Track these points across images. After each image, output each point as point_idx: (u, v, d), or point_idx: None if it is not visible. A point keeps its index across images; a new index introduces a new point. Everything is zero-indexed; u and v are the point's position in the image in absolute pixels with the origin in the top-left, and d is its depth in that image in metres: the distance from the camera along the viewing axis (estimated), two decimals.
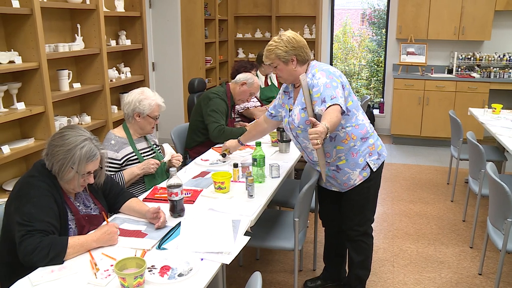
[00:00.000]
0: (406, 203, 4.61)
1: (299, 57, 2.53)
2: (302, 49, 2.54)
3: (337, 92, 2.37)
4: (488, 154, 4.44)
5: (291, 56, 2.51)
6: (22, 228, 1.89)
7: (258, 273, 1.68)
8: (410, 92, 6.53)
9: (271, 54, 2.53)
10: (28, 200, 1.94)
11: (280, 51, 2.50)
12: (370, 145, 2.61)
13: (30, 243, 1.85)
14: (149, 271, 1.80)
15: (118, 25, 4.82)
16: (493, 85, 6.30)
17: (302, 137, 2.60)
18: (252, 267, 3.45)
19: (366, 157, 2.60)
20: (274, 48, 2.51)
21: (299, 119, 2.54)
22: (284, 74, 2.58)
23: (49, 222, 1.94)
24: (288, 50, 2.50)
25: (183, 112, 6.27)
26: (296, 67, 2.54)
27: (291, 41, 2.51)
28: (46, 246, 1.85)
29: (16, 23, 3.30)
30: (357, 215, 2.75)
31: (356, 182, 2.64)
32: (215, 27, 6.74)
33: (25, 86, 3.41)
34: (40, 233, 1.88)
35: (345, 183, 2.66)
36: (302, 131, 2.55)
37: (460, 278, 3.29)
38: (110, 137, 2.90)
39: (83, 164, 2.03)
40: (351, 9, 11.83)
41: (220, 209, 2.40)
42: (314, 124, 2.14)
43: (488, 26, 6.31)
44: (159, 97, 2.98)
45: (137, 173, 2.83)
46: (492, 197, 2.97)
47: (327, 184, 2.78)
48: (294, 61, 2.52)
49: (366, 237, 2.83)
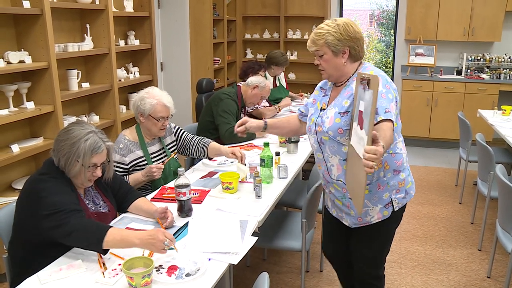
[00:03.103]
0: (414, 205, 4.59)
1: (353, 50, 2.10)
2: (359, 42, 2.10)
3: (391, 106, 1.97)
4: (497, 156, 4.41)
5: (345, 47, 2.07)
6: (54, 216, 1.88)
7: (266, 274, 1.67)
8: (419, 94, 6.50)
9: (320, 39, 2.08)
10: (48, 193, 1.94)
11: (332, 37, 2.05)
12: (400, 180, 2.18)
13: (73, 222, 1.86)
14: (156, 271, 1.80)
15: (127, 25, 4.84)
16: (503, 86, 6.26)
17: (328, 146, 2.16)
18: (259, 268, 3.45)
19: (393, 194, 2.17)
20: (326, 33, 2.07)
21: (331, 123, 2.10)
22: (330, 67, 2.13)
23: (76, 203, 1.97)
24: (342, 39, 2.06)
25: (191, 112, 6.28)
26: (346, 62, 2.11)
27: (348, 30, 2.06)
28: (90, 225, 1.87)
29: (27, 23, 3.33)
30: (369, 257, 2.35)
31: (373, 220, 2.21)
32: (223, 28, 6.75)
33: (34, 86, 3.43)
34: (75, 213, 1.89)
35: (359, 217, 2.23)
36: (330, 138, 2.13)
37: (469, 281, 3.27)
38: (120, 139, 2.81)
39: (88, 157, 2.03)
40: (360, 10, 11.80)
41: (227, 209, 2.40)
42: (374, 141, 1.71)
43: (499, 27, 6.26)
44: (167, 98, 2.82)
45: (142, 180, 2.74)
46: (502, 200, 2.95)
47: (338, 215, 2.35)
48: (346, 54, 2.09)
49: (378, 280, 2.43)
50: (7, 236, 2.11)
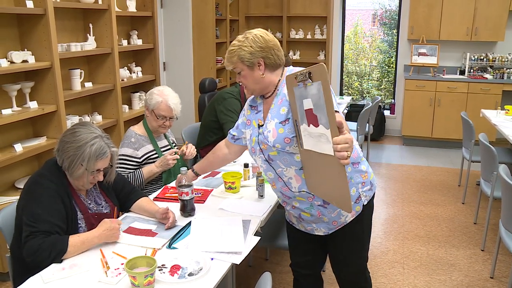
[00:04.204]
0: (417, 205, 4.58)
1: (267, 60, 2.01)
2: (271, 51, 2.01)
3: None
4: (500, 156, 4.39)
5: (258, 58, 1.99)
6: (27, 228, 1.91)
7: (268, 274, 1.67)
8: (422, 93, 6.49)
9: (233, 56, 2.01)
10: (35, 200, 1.97)
11: (244, 52, 1.98)
12: (362, 172, 2.09)
13: (33, 244, 1.87)
14: (159, 270, 1.80)
15: (129, 25, 4.85)
16: (506, 86, 6.24)
17: (279, 161, 2.03)
18: (262, 267, 3.45)
19: (359, 188, 2.08)
20: (237, 49, 2.00)
21: (275, 136, 1.97)
22: (250, 82, 2.05)
23: (54, 223, 1.95)
24: (253, 51, 1.98)
25: (194, 112, 6.29)
26: (264, 73, 2.02)
27: (257, 40, 1.99)
28: (48, 247, 1.86)
29: (30, 23, 3.34)
30: (353, 259, 2.25)
31: (347, 219, 2.11)
32: (226, 27, 6.76)
33: (37, 85, 3.44)
34: (43, 234, 1.90)
35: (334, 221, 2.10)
36: (279, 152, 1.99)
37: (471, 281, 3.26)
38: (130, 134, 2.89)
39: (92, 162, 2.04)
40: (362, 10, 11.78)
41: (230, 209, 2.40)
42: (339, 130, 1.60)
43: (502, 27, 6.25)
44: (174, 100, 2.87)
45: (156, 171, 2.84)
46: (505, 200, 2.94)
47: (308, 228, 2.20)
48: (262, 66, 2.01)
49: (365, 282, 2.36)
50: (10, 235, 2.11)
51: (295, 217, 2.22)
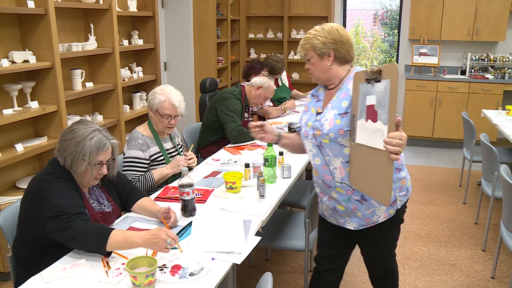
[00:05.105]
0: (418, 205, 4.58)
1: (338, 53, 2.13)
2: (343, 45, 2.13)
3: None
4: (501, 156, 4.39)
5: (329, 50, 2.12)
6: (59, 219, 1.89)
7: (269, 274, 1.67)
8: (423, 93, 6.49)
9: (306, 43, 2.16)
10: (52, 194, 1.95)
11: (317, 41, 2.12)
12: (402, 178, 2.18)
13: (76, 226, 1.87)
14: (160, 270, 1.80)
15: (130, 25, 4.85)
16: (507, 86, 6.23)
17: (329, 149, 2.13)
18: (263, 267, 3.45)
19: (397, 192, 2.17)
20: (312, 37, 2.14)
21: (331, 125, 2.08)
22: (317, 70, 2.18)
23: (80, 206, 1.98)
24: (326, 42, 2.11)
25: (195, 111, 6.29)
26: (332, 65, 2.14)
27: (332, 33, 2.12)
28: (92, 229, 1.88)
29: (31, 23, 3.34)
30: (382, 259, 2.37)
31: (380, 219, 2.19)
32: (227, 27, 6.76)
33: (38, 85, 3.45)
34: (79, 217, 1.91)
35: (367, 218, 2.18)
36: (331, 141, 2.09)
37: (472, 281, 3.26)
38: (137, 135, 2.85)
39: (94, 155, 2.04)
40: (363, 10, 11.77)
41: (231, 209, 2.40)
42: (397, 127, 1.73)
43: (503, 27, 6.24)
44: (177, 97, 2.87)
45: (167, 173, 2.83)
46: (506, 200, 2.94)
47: (340, 221, 2.26)
48: (331, 57, 2.13)
49: (393, 275, 2.45)
50: (12, 235, 2.12)
51: (330, 209, 2.27)
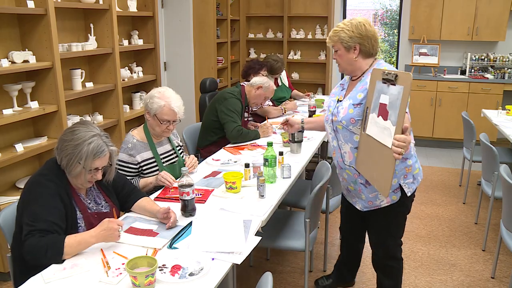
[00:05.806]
0: (418, 205, 4.58)
1: (363, 47, 2.32)
2: (369, 40, 2.31)
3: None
4: (501, 156, 4.39)
5: (355, 43, 2.31)
6: (26, 227, 1.91)
7: (269, 274, 1.67)
8: (422, 93, 6.48)
9: (335, 36, 2.34)
10: (35, 200, 1.96)
11: (344, 34, 2.30)
12: (407, 166, 2.37)
13: (30, 242, 1.87)
14: (160, 270, 1.80)
15: (130, 25, 4.85)
16: (507, 86, 6.23)
17: (341, 134, 2.40)
18: (263, 267, 3.44)
19: (401, 179, 2.37)
20: (340, 30, 2.32)
21: (345, 113, 2.33)
22: (343, 62, 2.38)
23: (53, 222, 1.95)
24: (353, 36, 2.29)
25: (195, 112, 6.29)
26: (357, 57, 2.34)
27: (359, 28, 2.29)
28: (43, 246, 1.86)
29: (31, 23, 3.34)
30: (381, 239, 2.59)
31: (382, 204, 2.43)
32: (227, 27, 6.76)
33: (38, 85, 3.45)
34: (40, 233, 1.89)
35: (370, 201, 2.45)
36: (343, 127, 2.36)
37: (472, 281, 3.26)
38: (128, 139, 2.77)
39: (90, 160, 2.03)
40: (363, 10, 11.78)
41: (231, 209, 2.40)
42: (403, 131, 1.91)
43: (503, 27, 6.24)
44: (176, 102, 2.76)
45: (150, 182, 2.71)
46: (506, 200, 2.94)
47: (353, 200, 2.60)
48: (357, 50, 2.32)
49: (394, 261, 2.66)
50: (11, 235, 2.11)
51: (345, 190, 2.66)
